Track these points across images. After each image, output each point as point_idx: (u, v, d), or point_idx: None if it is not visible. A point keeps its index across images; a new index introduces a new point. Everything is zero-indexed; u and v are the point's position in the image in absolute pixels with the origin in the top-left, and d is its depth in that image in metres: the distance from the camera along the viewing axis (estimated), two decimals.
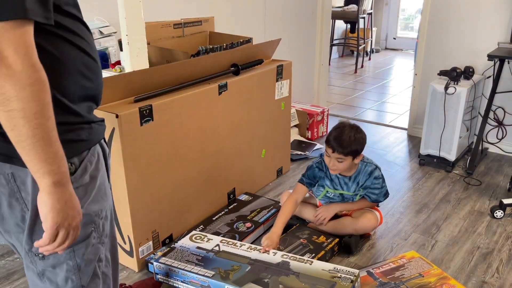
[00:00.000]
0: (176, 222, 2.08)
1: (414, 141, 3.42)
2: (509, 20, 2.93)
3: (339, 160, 1.97)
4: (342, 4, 6.15)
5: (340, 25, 6.60)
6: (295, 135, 3.35)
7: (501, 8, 2.94)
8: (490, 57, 2.64)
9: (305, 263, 1.72)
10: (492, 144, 3.19)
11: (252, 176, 2.59)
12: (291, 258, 1.76)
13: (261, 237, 2.03)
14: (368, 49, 6.74)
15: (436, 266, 1.91)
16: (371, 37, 6.72)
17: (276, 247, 1.91)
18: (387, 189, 2.13)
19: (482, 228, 2.27)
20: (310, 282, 1.61)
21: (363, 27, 6.20)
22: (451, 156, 2.87)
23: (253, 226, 2.16)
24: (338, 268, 1.67)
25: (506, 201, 2.34)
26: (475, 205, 2.49)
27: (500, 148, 3.18)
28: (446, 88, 2.76)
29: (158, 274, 1.80)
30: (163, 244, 2.03)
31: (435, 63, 3.21)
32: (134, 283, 1.83)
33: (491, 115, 3.07)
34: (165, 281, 1.79)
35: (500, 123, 3.11)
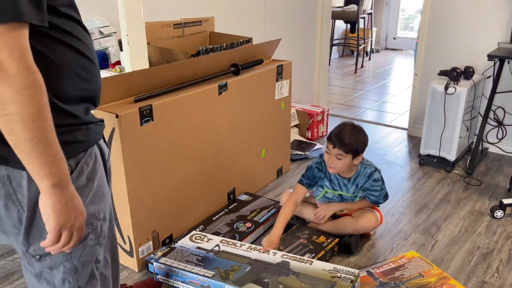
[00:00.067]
0: (176, 222, 2.08)
1: (414, 141, 3.42)
2: (509, 20, 2.93)
3: (339, 157, 1.96)
4: (342, 4, 6.15)
5: (340, 25, 6.60)
6: (295, 135, 3.35)
7: (501, 8, 2.94)
8: (490, 57, 2.64)
9: (305, 263, 1.72)
10: (492, 144, 3.19)
11: (252, 176, 2.58)
12: (291, 258, 1.76)
13: (261, 237, 2.03)
14: (368, 49, 6.74)
15: (436, 266, 1.91)
16: (371, 37, 6.72)
17: (276, 249, 1.91)
18: (387, 191, 2.14)
19: (482, 228, 2.27)
20: (310, 282, 1.61)
21: (363, 27, 6.20)
22: (451, 156, 2.87)
23: (253, 226, 2.16)
24: (338, 268, 1.67)
25: (506, 201, 2.34)
26: (475, 205, 2.49)
27: (500, 148, 3.18)
28: (446, 88, 2.76)
29: (158, 274, 1.80)
30: (163, 244, 2.03)
31: (435, 63, 3.21)
32: (135, 284, 1.83)
33: (491, 115, 3.07)
34: (165, 281, 1.79)
35: (500, 123, 3.12)
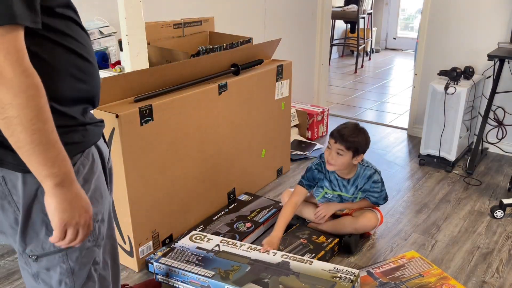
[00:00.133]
0: (176, 222, 2.08)
1: (414, 141, 3.42)
2: (509, 20, 2.93)
3: (339, 153, 1.96)
4: (342, 4, 6.15)
5: (340, 25, 6.60)
6: (295, 135, 3.35)
7: (501, 8, 2.94)
8: (490, 57, 2.64)
9: (305, 263, 1.72)
10: (492, 144, 3.19)
11: (252, 176, 2.58)
12: (291, 258, 1.76)
13: (261, 237, 2.03)
14: (368, 49, 6.74)
15: (436, 266, 1.91)
16: (371, 37, 6.72)
17: (276, 249, 1.91)
18: (387, 193, 2.14)
19: (482, 228, 2.27)
20: (310, 282, 1.61)
21: (363, 27, 6.20)
22: (451, 156, 2.87)
23: (253, 226, 2.16)
24: (338, 268, 1.67)
25: (506, 201, 2.34)
26: (475, 205, 2.49)
27: (500, 148, 3.18)
28: (446, 88, 2.76)
29: (158, 274, 1.81)
30: (163, 244, 2.03)
31: (435, 63, 3.21)
32: (135, 285, 1.83)
33: (491, 115, 3.07)
34: (165, 281, 1.79)
35: (500, 123, 3.12)
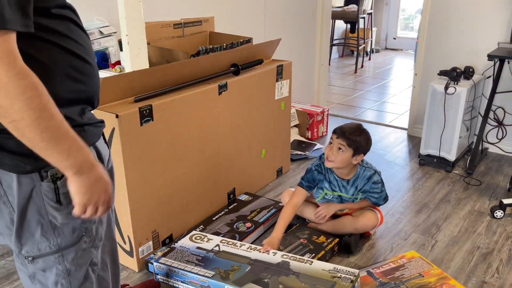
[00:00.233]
0: (176, 222, 2.08)
1: (414, 141, 3.42)
2: (509, 20, 2.93)
3: (340, 148, 1.97)
4: (342, 4, 6.15)
5: (340, 25, 6.60)
6: (295, 135, 3.35)
7: (501, 8, 2.94)
8: (490, 57, 2.64)
9: (305, 263, 1.72)
10: (492, 144, 3.19)
11: (252, 176, 2.58)
12: (291, 258, 1.76)
13: (261, 237, 2.03)
14: (368, 49, 6.74)
15: (436, 266, 1.91)
16: (371, 37, 6.72)
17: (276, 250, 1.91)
18: (387, 194, 2.14)
19: (482, 228, 2.27)
20: (310, 282, 1.61)
21: (363, 27, 6.20)
22: (451, 156, 2.87)
23: (253, 226, 2.16)
24: (338, 268, 1.67)
25: (506, 201, 2.34)
26: (475, 205, 2.49)
27: (500, 148, 3.18)
28: (446, 88, 2.76)
29: (158, 275, 1.80)
30: (163, 244, 2.03)
31: (435, 63, 3.21)
32: (135, 286, 1.83)
33: (491, 115, 3.07)
34: (165, 281, 1.79)
35: (500, 123, 3.11)
